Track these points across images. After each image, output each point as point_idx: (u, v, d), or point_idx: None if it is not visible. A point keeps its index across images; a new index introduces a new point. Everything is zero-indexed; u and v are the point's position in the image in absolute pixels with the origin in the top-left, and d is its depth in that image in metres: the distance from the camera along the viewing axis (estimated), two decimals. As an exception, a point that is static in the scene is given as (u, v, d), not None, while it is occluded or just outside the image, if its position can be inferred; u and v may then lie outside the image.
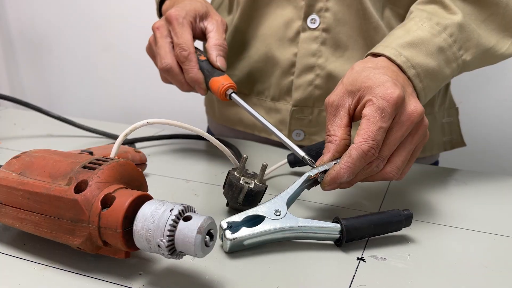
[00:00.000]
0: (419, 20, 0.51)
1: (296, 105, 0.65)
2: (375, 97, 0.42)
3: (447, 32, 0.50)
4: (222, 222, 0.40)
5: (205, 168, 0.62)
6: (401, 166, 0.43)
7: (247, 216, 0.41)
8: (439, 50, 0.50)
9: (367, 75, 0.44)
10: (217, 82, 0.56)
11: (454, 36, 0.50)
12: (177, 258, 0.33)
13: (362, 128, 0.42)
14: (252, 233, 0.39)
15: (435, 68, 0.49)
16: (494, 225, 0.47)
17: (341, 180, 0.42)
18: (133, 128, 0.42)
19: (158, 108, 1.50)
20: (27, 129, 0.76)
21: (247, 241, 0.39)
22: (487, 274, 0.39)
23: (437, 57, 0.49)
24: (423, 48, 0.49)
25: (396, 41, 0.49)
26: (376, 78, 0.44)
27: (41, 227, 0.36)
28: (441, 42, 0.50)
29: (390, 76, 0.44)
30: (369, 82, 0.43)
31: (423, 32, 0.50)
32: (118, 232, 0.33)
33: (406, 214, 0.42)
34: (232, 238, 0.39)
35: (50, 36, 1.60)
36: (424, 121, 0.44)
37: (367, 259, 0.40)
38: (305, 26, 0.62)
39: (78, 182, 0.35)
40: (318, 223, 0.41)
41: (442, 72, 0.50)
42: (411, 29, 0.50)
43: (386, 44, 0.50)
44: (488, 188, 0.56)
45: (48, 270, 0.36)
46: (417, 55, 0.48)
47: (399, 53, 0.48)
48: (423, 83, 0.49)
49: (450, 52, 0.50)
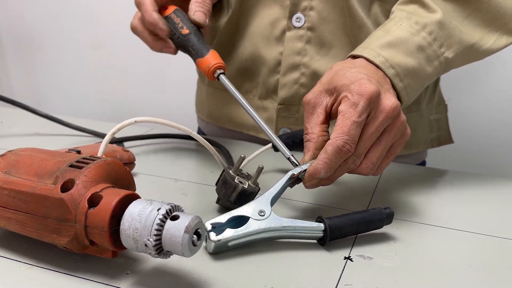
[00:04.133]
0: (398, 20, 0.51)
1: (282, 103, 0.66)
2: (350, 93, 0.42)
3: (426, 30, 0.50)
4: (206, 224, 0.39)
5: (194, 167, 0.62)
6: (376, 162, 0.44)
7: (231, 217, 0.40)
8: (419, 48, 0.50)
9: (344, 73, 0.45)
10: (205, 61, 0.54)
11: (434, 34, 0.50)
12: (164, 257, 0.33)
13: (337, 124, 0.42)
14: (237, 234, 0.39)
15: (415, 66, 0.49)
16: (479, 224, 0.47)
17: (319, 176, 0.42)
18: (120, 127, 0.42)
19: (149, 106, 1.50)
20: (14, 128, 0.75)
21: (231, 242, 0.39)
22: (471, 273, 0.39)
23: (416, 55, 0.49)
24: (402, 48, 0.49)
25: (376, 42, 0.50)
26: (352, 76, 0.44)
27: (26, 226, 0.36)
28: (421, 40, 0.50)
29: (366, 74, 0.45)
30: (345, 80, 0.44)
31: (402, 32, 0.50)
32: (105, 232, 0.33)
33: (387, 212, 0.42)
34: (216, 240, 0.38)
35: (38, 34, 1.59)
36: (400, 116, 0.44)
37: (354, 258, 0.40)
38: (290, 25, 0.63)
39: (64, 181, 0.35)
40: (302, 223, 0.41)
41: (423, 70, 0.50)
42: (390, 29, 0.51)
43: (366, 45, 0.50)
44: (474, 188, 0.57)
45: (34, 270, 0.36)
46: (396, 54, 0.49)
47: (378, 54, 0.48)
48: (403, 82, 0.49)
49: (431, 50, 0.50)
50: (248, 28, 0.66)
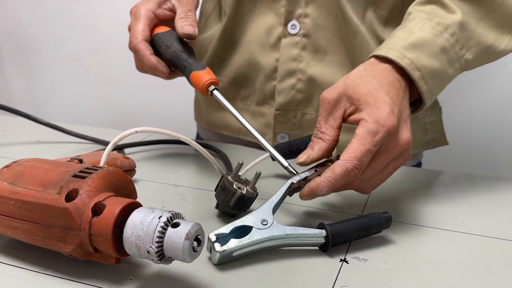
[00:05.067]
0: (420, 21, 0.51)
1: (279, 109, 0.67)
2: (370, 118, 0.43)
3: (448, 31, 0.50)
4: (211, 235, 0.40)
5: (193, 173, 0.64)
6: (377, 185, 0.46)
7: (234, 227, 0.41)
8: (442, 50, 0.49)
9: (370, 89, 0.45)
10: (199, 77, 0.54)
11: (456, 35, 0.50)
12: (166, 263, 0.34)
13: (351, 146, 0.42)
14: (241, 244, 0.40)
15: (439, 68, 0.49)
16: (473, 225, 0.49)
17: (319, 194, 0.43)
18: (121, 137, 0.43)
19: (148, 111, 1.51)
20: (16, 136, 0.76)
21: (236, 252, 0.40)
22: (465, 273, 0.40)
23: (440, 57, 0.49)
24: (426, 49, 0.49)
25: (399, 43, 0.49)
26: (378, 97, 0.44)
27: (32, 235, 0.37)
28: (444, 42, 0.49)
29: (391, 98, 0.45)
30: (370, 98, 0.44)
31: (425, 33, 0.49)
32: (109, 239, 0.34)
33: (386, 216, 0.44)
34: (222, 251, 0.39)
35: (37, 39, 1.59)
36: (410, 149, 0.46)
37: (349, 261, 0.41)
38: (285, 32, 0.64)
39: (68, 191, 0.36)
40: (304, 230, 0.42)
41: (446, 72, 0.50)
42: (413, 30, 0.50)
43: (389, 46, 0.49)
44: (468, 189, 0.58)
45: (40, 277, 0.37)
46: (421, 56, 0.48)
47: (403, 55, 0.48)
48: (428, 84, 0.49)
49: (453, 52, 0.50)
50: (244, 35, 0.67)
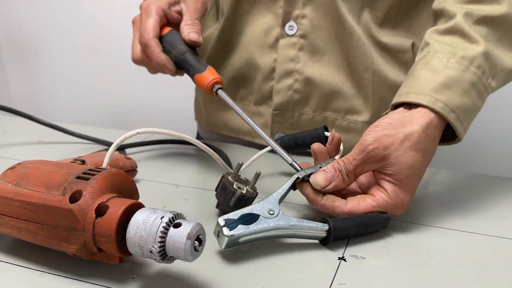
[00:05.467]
0: (443, 57, 0.49)
1: (277, 109, 0.68)
2: (391, 201, 0.46)
3: (474, 64, 0.48)
4: (220, 219, 0.41)
5: (193, 173, 0.64)
6: None
7: (242, 214, 0.43)
8: (471, 85, 0.48)
9: (410, 171, 0.46)
10: (204, 77, 0.56)
11: (482, 67, 0.49)
12: (168, 262, 0.35)
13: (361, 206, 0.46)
14: (248, 230, 0.41)
15: (471, 105, 0.48)
16: (469, 223, 0.50)
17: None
18: (123, 139, 0.44)
19: (147, 111, 1.51)
20: (17, 136, 0.77)
21: (242, 238, 0.41)
22: (460, 271, 0.41)
23: (471, 93, 0.48)
24: (457, 89, 0.47)
25: (428, 85, 0.48)
26: (410, 183, 0.46)
27: (37, 235, 0.38)
28: (472, 76, 0.48)
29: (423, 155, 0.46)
30: (405, 182, 0.46)
31: (452, 71, 0.48)
32: (112, 239, 0.35)
33: (385, 216, 0.45)
34: (230, 235, 0.40)
35: (36, 40, 1.60)
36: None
37: (347, 259, 0.42)
38: (283, 33, 0.65)
39: (72, 192, 0.37)
40: (308, 223, 0.43)
41: (477, 106, 0.49)
42: (438, 68, 0.48)
43: (417, 90, 0.48)
44: (465, 188, 0.59)
45: (45, 276, 0.38)
46: (453, 97, 0.47)
47: (436, 99, 0.47)
48: (463, 124, 0.48)
49: (481, 84, 0.49)
50: (242, 35, 0.68)
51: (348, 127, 0.68)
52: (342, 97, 0.66)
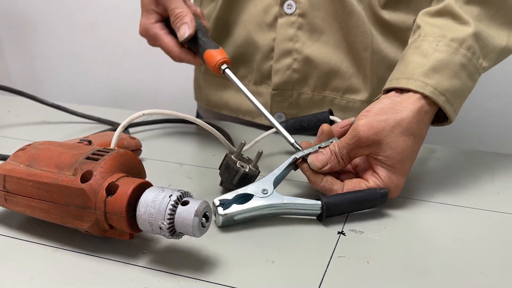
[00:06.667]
0: (433, 40, 0.49)
1: (276, 88, 0.69)
2: (385, 183, 0.47)
3: (464, 46, 0.49)
4: (215, 200, 0.44)
5: (197, 151, 0.66)
6: None
7: (237, 195, 0.45)
8: (461, 67, 0.49)
9: (402, 155, 0.47)
10: (212, 56, 0.57)
11: (473, 48, 0.49)
12: (176, 238, 0.37)
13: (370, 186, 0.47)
14: (242, 209, 0.44)
15: (461, 86, 0.49)
16: (463, 198, 0.52)
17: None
18: (130, 120, 0.45)
19: (149, 88, 1.51)
20: (22, 117, 0.78)
21: (237, 216, 0.44)
22: (452, 243, 0.43)
23: (460, 75, 0.49)
24: (446, 71, 0.48)
25: (418, 70, 0.48)
26: (403, 167, 0.47)
27: (51, 213, 0.40)
28: (461, 58, 0.49)
29: (412, 161, 0.48)
30: (398, 166, 0.47)
31: (441, 54, 0.48)
32: (123, 217, 0.37)
33: (381, 192, 0.46)
34: (223, 214, 0.43)
35: (33, 16, 1.58)
36: None
37: (346, 233, 0.44)
38: (282, 12, 0.65)
39: (83, 172, 0.38)
40: (301, 200, 0.45)
41: (467, 87, 0.50)
42: (428, 52, 0.49)
43: (407, 75, 0.49)
44: (461, 164, 0.61)
45: (60, 252, 0.40)
46: (443, 80, 0.48)
47: (425, 84, 0.47)
48: (453, 106, 0.49)
49: (471, 65, 0.49)
50: (241, 15, 0.68)
51: (347, 106, 0.69)
52: (341, 76, 0.67)
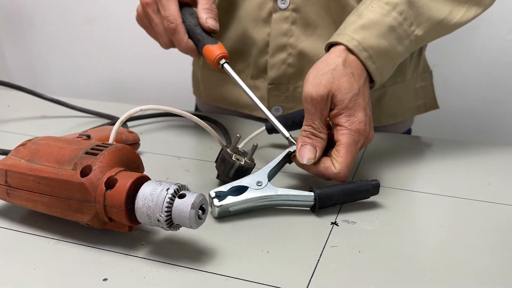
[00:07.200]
0: (370, 2, 0.53)
1: (272, 83, 0.69)
2: (352, 128, 0.48)
3: (396, 10, 0.52)
4: (211, 192, 0.46)
5: (194, 144, 0.67)
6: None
7: (232, 187, 0.47)
8: (390, 29, 0.52)
9: (351, 93, 0.48)
10: (211, 51, 0.58)
11: (404, 13, 0.52)
12: (174, 229, 0.39)
13: (341, 155, 0.47)
14: (237, 200, 0.45)
15: (387, 47, 0.52)
16: (454, 189, 0.53)
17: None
18: (127, 116, 0.46)
19: (145, 82, 1.52)
20: (21, 111, 0.79)
21: (232, 207, 0.45)
22: (441, 232, 0.45)
23: (388, 36, 0.52)
24: (374, 30, 0.51)
25: (349, 27, 0.52)
26: (356, 103, 0.48)
27: (52, 207, 0.41)
28: (392, 21, 0.52)
29: (364, 98, 0.49)
30: (351, 104, 0.48)
31: (374, 14, 0.52)
32: (122, 210, 0.38)
33: (373, 183, 0.48)
34: (219, 205, 0.45)
35: (29, 9, 1.58)
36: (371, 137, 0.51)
37: (339, 223, 0.46)
38: (276, 7, 0.66)
39: (83, 167, 0.40)
40: (294, 192, 0.47)
41: (394, 50, 0.53)
42: (362, 12, 0.53)
43: (340, 31, 0.53)
44: (453, 155, 0.62)
45: (61, 244, 0.41)
46: (369, 37, 0.51)
47: (351, 38, 0.51)
48: (376, 64, 0.52)
49: (401, 30, 0.52)
50: (238, 10, 0.69)
51: None
52: None
